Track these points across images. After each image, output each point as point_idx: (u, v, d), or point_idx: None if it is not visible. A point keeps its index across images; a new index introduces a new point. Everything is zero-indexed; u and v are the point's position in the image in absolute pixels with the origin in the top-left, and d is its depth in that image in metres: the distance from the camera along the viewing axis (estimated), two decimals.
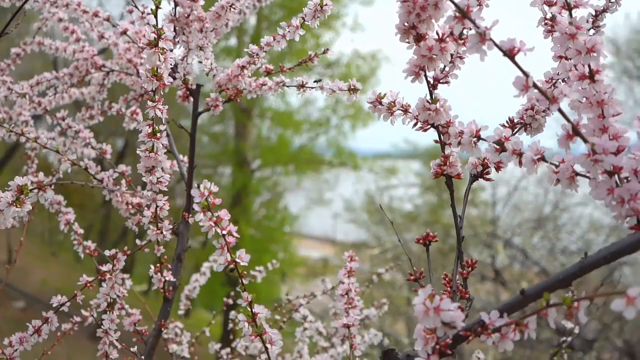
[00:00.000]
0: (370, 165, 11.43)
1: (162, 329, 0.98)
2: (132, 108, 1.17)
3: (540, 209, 7.29)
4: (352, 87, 0.84)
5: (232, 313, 1.29)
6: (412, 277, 0.64)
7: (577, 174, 0.53)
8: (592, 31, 0.71)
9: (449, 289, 0.63)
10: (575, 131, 0.51)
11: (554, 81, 0.68)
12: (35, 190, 0.65)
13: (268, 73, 0.98)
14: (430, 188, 10.79)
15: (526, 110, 0.67)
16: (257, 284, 1.34)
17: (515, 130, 0.68)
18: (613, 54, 9.31)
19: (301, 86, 0.94)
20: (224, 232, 0.61)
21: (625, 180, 0.51)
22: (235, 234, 0.61)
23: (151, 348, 0.97)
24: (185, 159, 1.10)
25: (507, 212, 7.53)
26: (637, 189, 0.49)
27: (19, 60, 1.34)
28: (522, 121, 0.67)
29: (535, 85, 0.50)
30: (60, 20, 1.20)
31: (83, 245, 1.06)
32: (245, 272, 0.64)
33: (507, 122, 0.68)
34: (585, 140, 0.50)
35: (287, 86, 0.96)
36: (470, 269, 0.63)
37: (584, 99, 0.54)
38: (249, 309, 0.64)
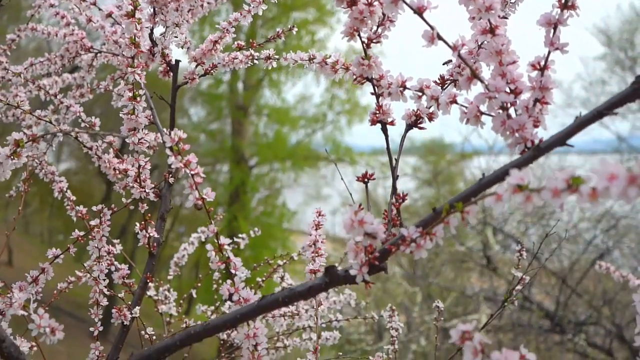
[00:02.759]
0: (367, 161, 11.52)
1: (148, 281, 1.08)
2: (119, 86, 1.27)
3: None
4: (311, 56, 0.94)
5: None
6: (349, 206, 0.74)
7: (482, 112, 0.64)
8: None
9: (385, 220, 0.73)
10: (473, 74, 0.61)
11: (479, 42, 0.78)
12: (30, 143, 0.76)
13: (239, 48, 1.08)
14: (427, 181, 10.89)
15: (455, 67, 0.77)
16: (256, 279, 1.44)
17: (446, 85, 0.78)
18: (604, 44, 9.40)
19: (268, 58, 1.05)
20: (193, 172, 0.71)
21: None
22: (202, 174, 0.72)
23: (138, 298, 1.07)
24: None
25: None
26: (525, 121, 0.60)
27: (14, 46, 1.44)
28: (451, 77, 0.77)
29: (439, 37, 0.60)
30: (51, 6, 1.30)
31: (75, 210, 1.16)
32: (212, 208, 0.75)
33: (438, 78, 0.78)
34: (482, 82, 0.61)
35: (256, 59, 1.06)
36: (402, 200, 0.73)
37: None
38: (216, 240, 0.74)
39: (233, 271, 0.74)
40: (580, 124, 0.56)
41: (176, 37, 1.02)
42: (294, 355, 1.29)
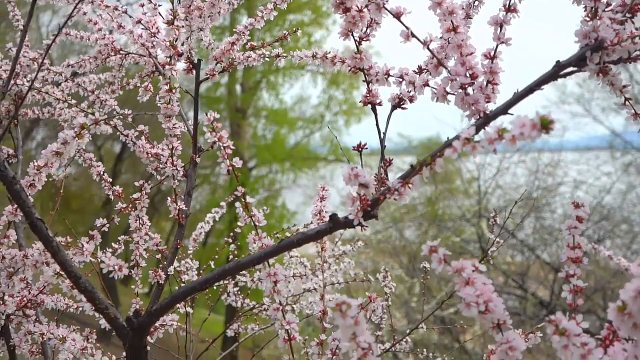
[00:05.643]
0: (365, 161, 11.69)
1: (178, 247, 1.27)
2: (145, 83, 1.47)
3: (530, 192, 7.64)
4: (314, 54, 1.14)
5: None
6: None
7: (447, 92, 0.83)
8: (476, 2, 1.01)
9: (376, 182, 0.92)
10: (439, 63, 0.80)
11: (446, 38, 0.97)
12: (93, 125, 0.95)
13: (252, 48, 1.28)
14: (425, 180, 11.05)
15: (429, 59, 0.97)
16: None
17: (423, 73, 0.97)
18: None
19: (277, 56, 1.24)
20: (224, 145, 0.91)
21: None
22: (232, 147, 0.91)
23: (170, 262, 1.26)
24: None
25: (497, 195, 7.87)
26: (477, 97, 0.79)
27: (50, 50, 1.63)
28: (427, 67, 0.97)
29: (413, 35, 0.79)
30: (85, 14, 1.49)
31: (112, 190, 1.35)
32: (239, 174, 0.94)
33: (417, 67, 0.97)
34: (445, 68, 0.80)
35: (267, 57, 1.26)
36: (388, 164, 0.93)
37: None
38: (243, 200, 0.94)
39: (257, 223, 0.93)
40: (517, 97, 0.75)
41: (201, 40, 1.21)
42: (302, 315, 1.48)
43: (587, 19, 0.73)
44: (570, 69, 0.74)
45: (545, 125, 0.57)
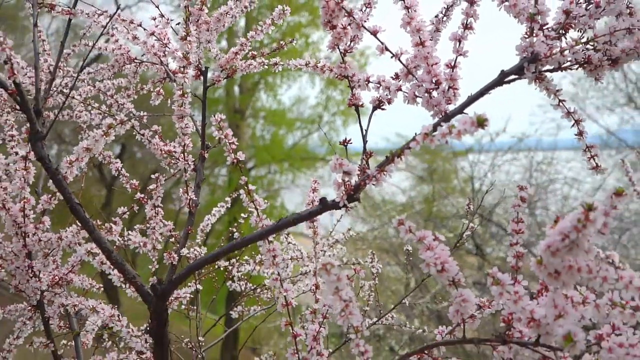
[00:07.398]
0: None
1: (189, 232, 1.44)
2: (157, 88, 1.64)
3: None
4: (307, 62, 1.31)
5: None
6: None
7: (416, 95, 1.00)
8: (445, 18, 1.18)
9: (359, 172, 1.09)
10: (408, 72, 0.98)
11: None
12: (119, 125, 1.12)
13: (253, 57, 1.45)
14: (423, 179, 11.27)
15: (402, 68, 1.14)
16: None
17: (399, 79, 1.14)
18: None
19: (275, 64, 1.41)
20: (230, 141, 1.08)
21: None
22: (235, 143, 1.08)
23: (182, 245, 1.43)
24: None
25: (492, 192, 8.06)
26: (439, 100, 0.97)
27: (69, 59, 1.81)
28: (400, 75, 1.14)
29: (386, 48, 0.96)
30: (103, 27, 1.66)
31: (130, 183, 1.52)
32: (243, 166, 1.11)
33: (394, 74, 1.14)
34: (413, 76, 0.97)
35: (267, 65, 1.43)
36: (370, 155, 1.10)
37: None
38: (246, 187, 1.11)
39: (258, 207, 1.10)
40: (470, 100, 0.92)
41: (209, 51, 1.38)
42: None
43: (526, 36, 0.90)
44: (513, 76, 0.91)
45: (480, 122, 0.74)
